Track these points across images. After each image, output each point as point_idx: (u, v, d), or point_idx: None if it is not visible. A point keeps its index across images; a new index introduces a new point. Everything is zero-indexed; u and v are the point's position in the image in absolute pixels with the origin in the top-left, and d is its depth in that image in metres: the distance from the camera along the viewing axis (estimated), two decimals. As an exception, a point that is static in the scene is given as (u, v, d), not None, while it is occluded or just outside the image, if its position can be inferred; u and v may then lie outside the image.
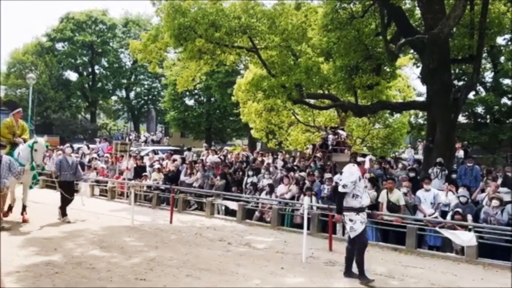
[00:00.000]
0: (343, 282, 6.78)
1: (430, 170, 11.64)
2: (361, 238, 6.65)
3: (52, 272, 6.48)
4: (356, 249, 6.67)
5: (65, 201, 10.58)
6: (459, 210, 8.91)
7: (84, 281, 6.20)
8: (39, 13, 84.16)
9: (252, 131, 24.34)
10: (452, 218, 8.93)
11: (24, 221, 10.03)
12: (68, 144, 12.28)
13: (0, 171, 9.08)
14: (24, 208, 10.23)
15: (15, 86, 36.64)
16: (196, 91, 33.91)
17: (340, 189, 6.62)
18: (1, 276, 1.79)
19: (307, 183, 11.79)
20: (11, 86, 36.69)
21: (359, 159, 7.00)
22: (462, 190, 9.74)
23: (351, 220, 6.63)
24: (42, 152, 10.44)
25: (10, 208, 10.28)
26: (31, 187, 11.27)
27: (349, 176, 6.60)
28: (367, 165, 6.99)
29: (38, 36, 40.17)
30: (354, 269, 6.78)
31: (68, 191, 10.56)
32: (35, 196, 12.64)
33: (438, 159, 11.72)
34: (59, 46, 40.66)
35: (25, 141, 10.51)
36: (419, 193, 10.02)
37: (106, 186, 15.16)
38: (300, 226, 9.83)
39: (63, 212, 10.54)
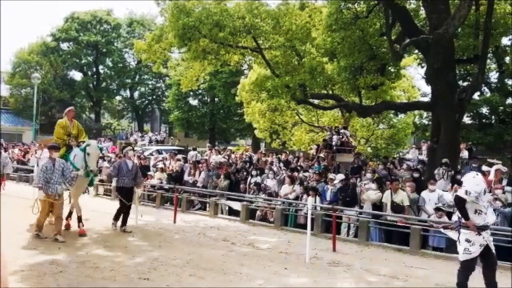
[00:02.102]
0: (347, 282, 6.77)
1: (436, 171, 11.58)
2: (472, 262, 5.62)
3: (56, 271, 6.50)
4: (459, 269, 5.74)
5: (122, 208, 9.74)
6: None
7: (88, 280, 6.22)
8: (44, 13, 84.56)
9: (256, 131, 24.33)
10: (459, 219, 8.89)
11: (81, 234, 8.99)
12: (129, 147, 10.95)
13: (53, 176, 8.27)
14: (80, 219, 9.25)
15: (20, 86, 36.78)
16: (200, 91, 33.90)
17: (462, 194, 5.57)
18: (6, 275, 1.77)
19: (311, 183, 11.78)
20: (16, 85, 36.83)
21: (484, 168, 6.06)
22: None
23: (468, 241, 5.55)
24: (96, 156, 9.50)
25: (70, 214, 9.64)
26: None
27: (475, 185, 5.55)
28: (491, 176, 5.92)
29: (43, 36, 40.30)
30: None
31: (126, 197, 9.70)
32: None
33: (444, 160, 11.64)
34: (64, 46, 40.76)
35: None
36: (424, 193, 9.98)
37: (110, 185, 15.20)
38: (304, 226, 9.81)
39: (115, 218, 9.77)
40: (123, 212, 9.72)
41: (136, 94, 44.52)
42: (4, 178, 12.51)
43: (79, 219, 9.19)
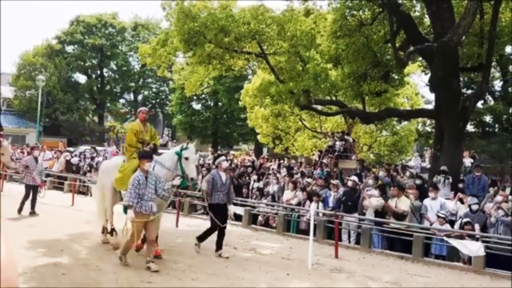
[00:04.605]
0: (349, 289, 6.76)
1: (434, 178, 11.57)
2: None
3: (59, 273, 6.52)
4: None
5: (214, 229, 8.21)
6: (469, 220, 8.85)
7: (90, 282, 6.22)
8: (50, 16, 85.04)
9: (258, 136, 24.36)
10: (462, 227, 8.87)
11: (157, 255, 7.54)
12: (223, 157, 9.21)
13: (146, 191, 6.98)
14: (155, 238, 7.65)
15: (25, 88, 36.94)
16: (203, 95, 34.01)
17: None
18: (12, 275, 1.78)
19: (315, 189, 11.78)
20: (21, 87, 37.00)
21: None
22: (471, 199, 9.65)
23: None
24: (195, 161, 8.04)
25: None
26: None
27: None
28: None
29: (49, 39, 40.50)
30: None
31: (220, 216, 8.15)
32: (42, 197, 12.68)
33: (442, 167, 11.61)
34: (69, 48, 40.94)
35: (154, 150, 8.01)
36: (426, 201, 9.97)
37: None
38: (306, 232, 9.82)
39: (201, 238, 8.35)
40: (218, 234, 8.19)
41: (139, 97, 44.63)
42: (42, 185, 11.79)
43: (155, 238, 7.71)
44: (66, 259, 7.33)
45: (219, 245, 8.19)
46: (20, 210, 11.12)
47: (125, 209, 7.94)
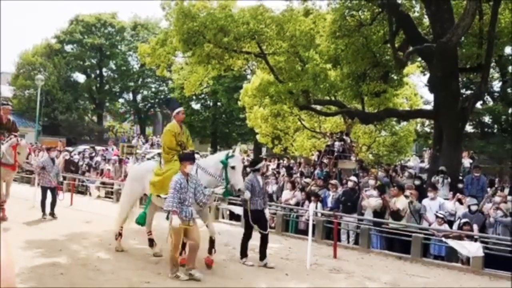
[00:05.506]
0: (348, 289, 6.76)
1: (433, 179, 11.58)
2: None
3: (57, 273, 6.50)
4: None
5: (248, 236, 7.95)
6: (468, 220, 8.86)
7: (89, 282, 6.21)
8: (49, 16, 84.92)
9: (257, 136, 24.36)
10: (461, 228, 8.87)
11: (208, 264, 7.17)
12: (264, 162, 8.91)
13: (187, 195, 6.54)
14: (212, 244, 7.27)
15: (24, 87, 36.90)
16: (202, 95, 34.01)
17: None
18: (11, 275, 1.78)
19: (313, 189, 11.78)
20: (20, 87, 36.96)
21: None
22: (470, 199, 9.68)
23: None
24: (241, 169, 7.55)
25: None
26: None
27: None
28: None
29: (48, 38, 40.48)
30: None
31: (259, 222, 7.86)
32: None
33: (441, 168, 11.65)
34: (68, 48, 40.92)
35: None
36: (425, 201, 9.98)
37: (112, 188, 15.21)
38: (305, 232, 9.81)
39: (243, 253, 8.01)
40: (261, 242, 7.90)
41: (139, 97, 44.60)
42: (59, 187, 11.66)
43: (212, 243, 7.25)
44: (65, 259, 7.32)
45: (263, 253, 7.82)
46: (43, 212, 10.95)
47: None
